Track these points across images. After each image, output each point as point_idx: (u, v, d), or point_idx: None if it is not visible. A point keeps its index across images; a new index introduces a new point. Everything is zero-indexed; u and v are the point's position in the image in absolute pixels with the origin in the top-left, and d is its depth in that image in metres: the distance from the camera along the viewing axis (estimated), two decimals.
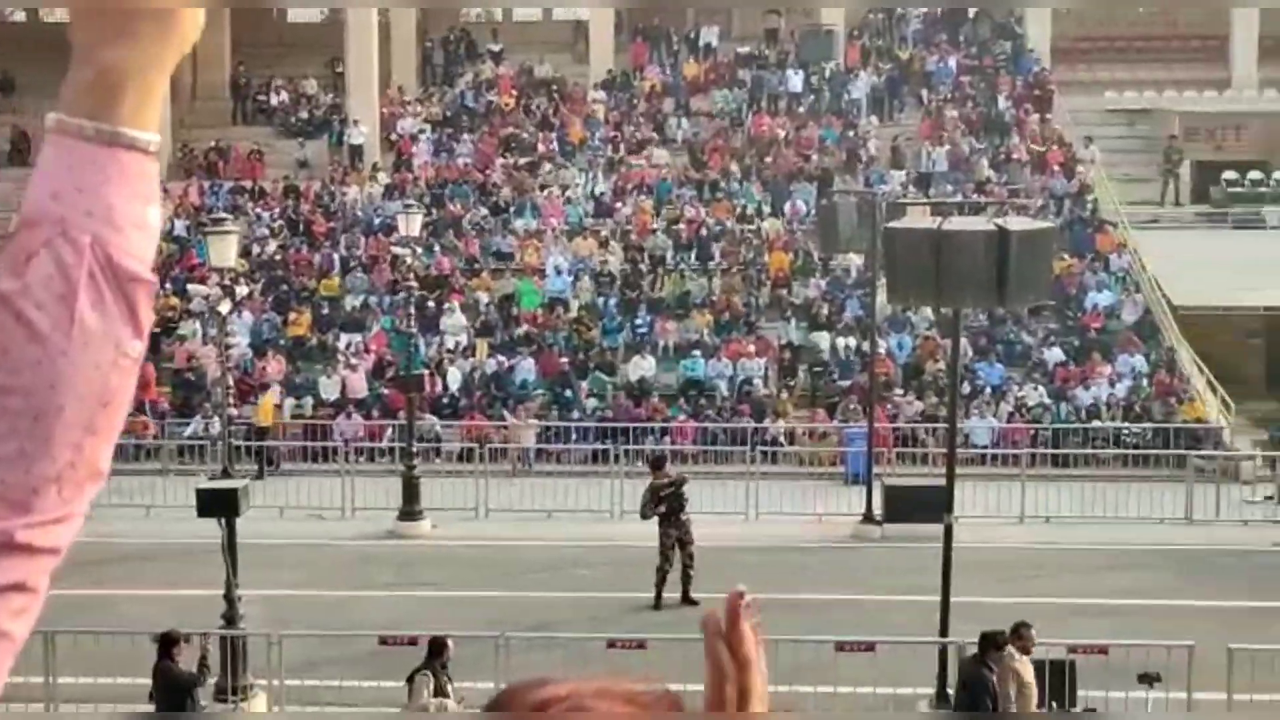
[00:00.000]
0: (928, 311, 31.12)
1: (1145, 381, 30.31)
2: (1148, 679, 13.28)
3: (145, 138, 1.30)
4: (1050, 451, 27.96)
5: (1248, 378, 32.24)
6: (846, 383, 30.54)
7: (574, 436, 29.27)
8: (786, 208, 36.29)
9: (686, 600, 19.20)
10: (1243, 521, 24.65)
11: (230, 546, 16.10)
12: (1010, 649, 13.01)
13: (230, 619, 16.09)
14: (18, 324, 1.24)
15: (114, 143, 1.28)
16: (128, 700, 14.77)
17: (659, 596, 19.42)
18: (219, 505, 15.91)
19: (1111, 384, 30.22)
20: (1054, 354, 31.22)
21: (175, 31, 1.31)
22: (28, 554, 1.26)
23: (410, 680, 13.61)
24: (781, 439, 28.92)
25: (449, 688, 13.63)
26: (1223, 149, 38.94)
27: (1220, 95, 40.42)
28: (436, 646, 13.78)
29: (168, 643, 13.68)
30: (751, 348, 31.59)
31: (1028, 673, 13.13)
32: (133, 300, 1.29)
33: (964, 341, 28.73)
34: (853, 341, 31.45)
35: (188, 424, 29.56)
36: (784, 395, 30.44)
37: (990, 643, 12.97)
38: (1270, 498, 25.79)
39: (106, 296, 1.27)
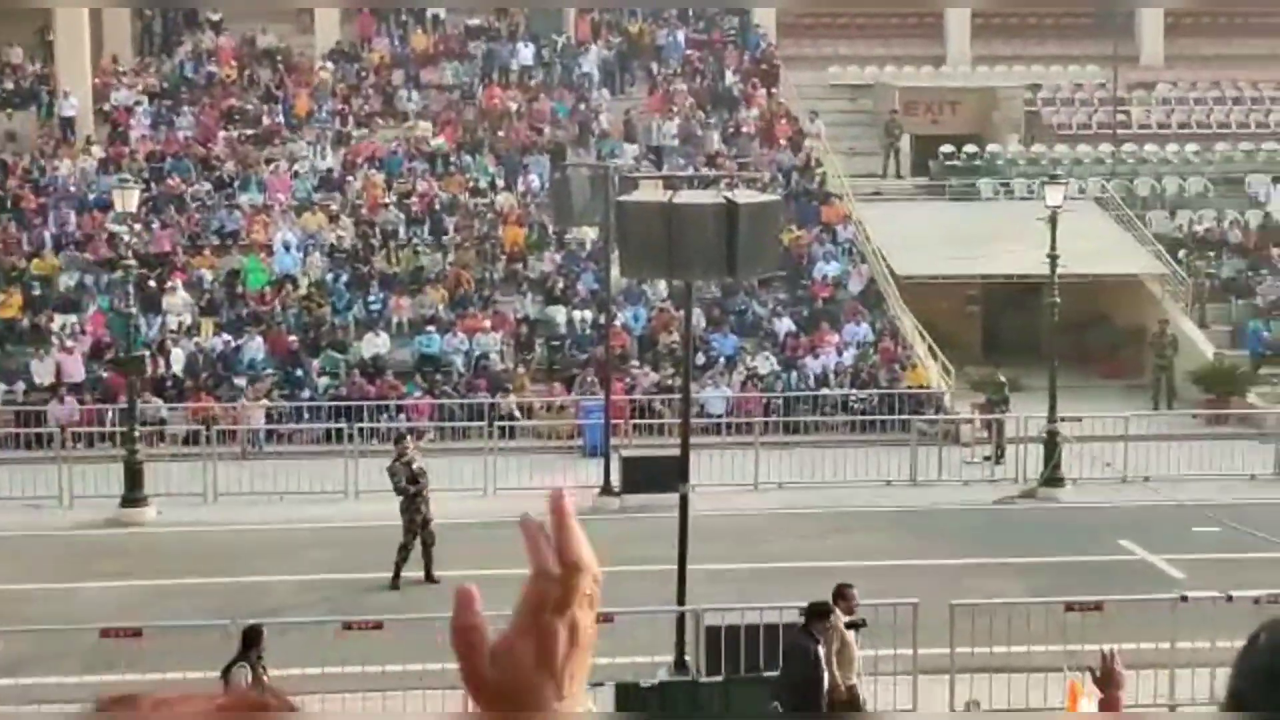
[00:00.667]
0: (662, 284, 31.51)
1: (871, 350, 31.30)
2: (853, 625, 13.71)
3: None
4: (782, 419, 28.66)
5: (966, 344, 33.63)
6: (583, 356, 30.70)
7: (306, 416, 28.68)
8: (520, 182, 36.20)
9: (429, 579, 19.05)
10: (963, 482, 25.73)
11: None
12: (836, 610, 13.25)
13: None
14: None
15: None
16: None
17: (398, 575, 19.20)
18: None
19: (839, 352, 31.11)
20: (784, 324, 31.97)
21: None
22: None
23: (226, 674, 13.08)
24: (518, 413, 28.90)
25: (265, 678, 13.16)
26: (939, 123, 40.46)
27: (937, 71, 41.96)
28: (252, 636, 13.25)
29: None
30: (487, 323, 31.47)
31: (848, 633, 13.42)
32: None
33: (697, 313, 29.21)
34: (589, 315, 31.61)
35: None
36: (521, 370, 30.40)
37: (815, 614, 13.13)
38: (988, 458, 26.98)
39: None
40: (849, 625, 13.62)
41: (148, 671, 13.99)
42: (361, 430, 26.29)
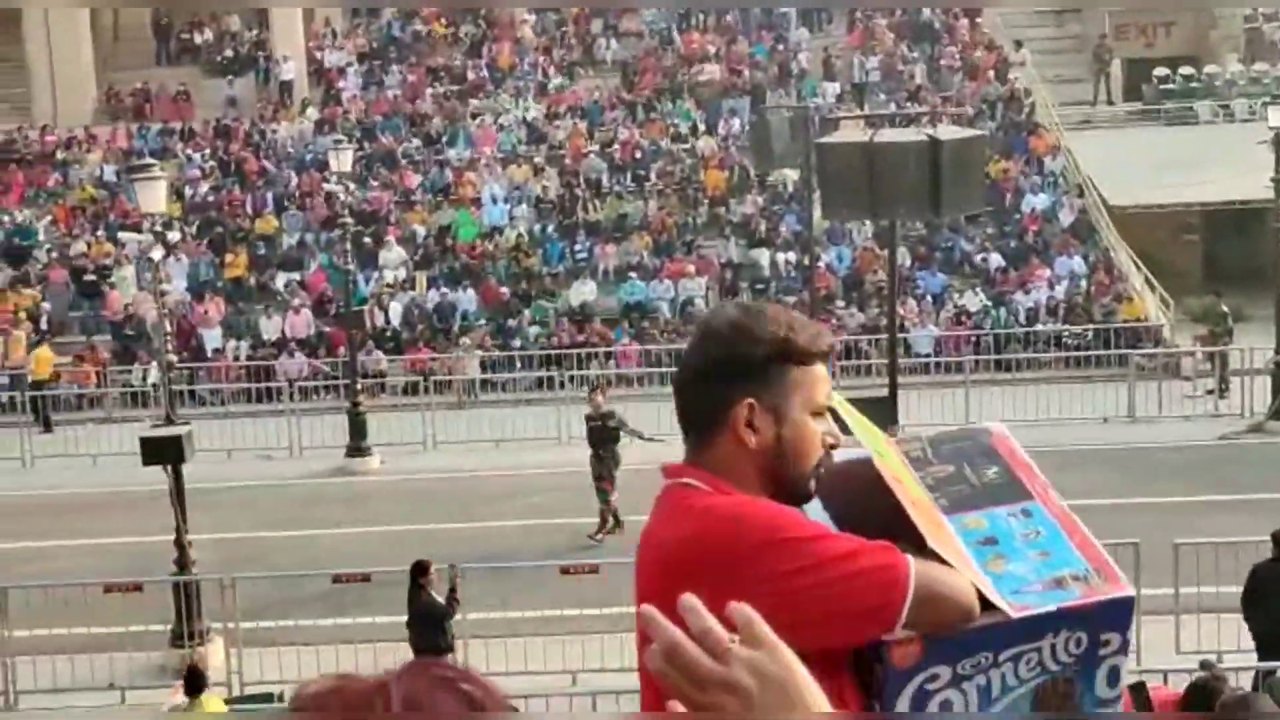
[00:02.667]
0: (867, 224, 31.22)
1: (1084, 283, 30.58)
2: None
3: None
4: (992, 357, 28.23)
5: (1185, 274, 32.60)
6: (788, 298, 30.66)
7: (518, 365, 29.28)
8: (720, 126, 36.19)
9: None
10: (1185, 417, 25.02)
11: (178, 492, 16.04)
12: None
13: (182, 564, 16.05)
14: None
15: None
16: (84, 650, 14.77)
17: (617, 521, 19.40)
18: (164, 452, 15.83)
19: (1051, 286, 30.48)
20: (993, 259, 31.43)
21: None
22: None
23: (413, 611, 13.65)
24: None
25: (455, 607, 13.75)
26: (1153, 46, 39.10)
27: None
28: (420, 568, 13.81)
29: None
30: (691, 268, 31.62)
31: None
32: None
33: (903, 251, 28.92)
34: (792, 256, 31.53)
35: (129, 371, 29.34)
36: None
37: None
38: (1211, 392, 26.18)
39: None
40: None
41: (377, 615, 14.57)
42: (572, 378, 26.76)
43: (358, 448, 24.47)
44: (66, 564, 18.23)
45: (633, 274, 31.52)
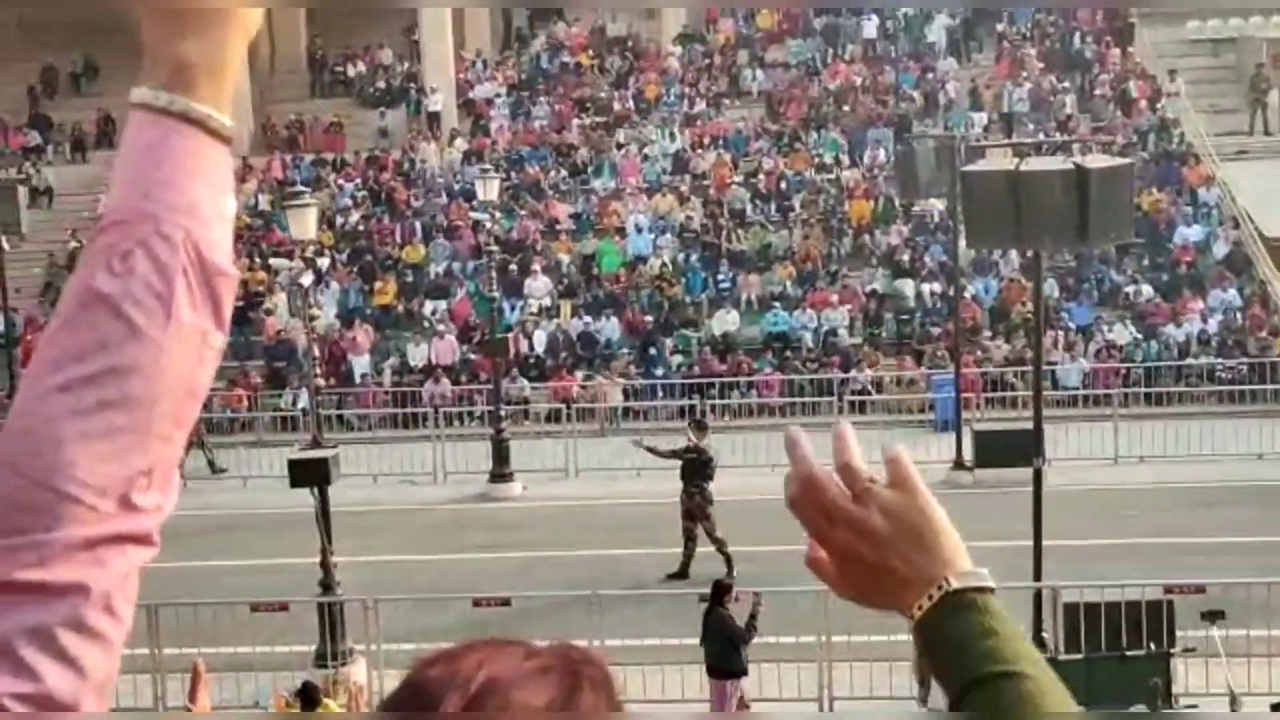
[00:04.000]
0: (1014, 254, 30.74)
1: (1238, 316, 29.76)
2: (1211, 616, 13.11)
3: (223, 120, 1.34)
4: (1143, 390, 27.57)
5: None
6: (933, 329, 30.29)
7: (660, 393, 29.32)
8: (865, 155, 35.96)
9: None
10: None
11: (324, 514, 16.29)
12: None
13: (327, 585, 16.30)
14: (117, 321, 1.28)
15: (188, 117, 1.32)
16: (230, 669, 15.04)
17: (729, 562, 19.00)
18: (311, 474, 16.10)
19: (1204, 319, 29.70)
20: (1144, 291, 30.73)
21: (239, 23, 1.36)
22: (133, 545, 1.30)
23: (708, 617, 13.78)
24: (869, 388, 28.77)
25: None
26: None
27: None
28: (722, 590, 13.93)
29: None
30: (835, 298, 31.42)
31: None
32: (218, 294, 1.33)
33: (1051, 282, 28.43)
34: (937, 287, 31.16)
35: (279, 396, 29.95)
36: (870, 344, 30.24)
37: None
38: None
39: (197, 292, 1.31)
40: (1204, 616, 13.05)
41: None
42: (714, 407, 26.70)
43: (501, 473, 24.68)
44: (215, 584, 18.60)
45: (776, 304, 31.40)
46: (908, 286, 31.59)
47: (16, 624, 1.23)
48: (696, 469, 19.01)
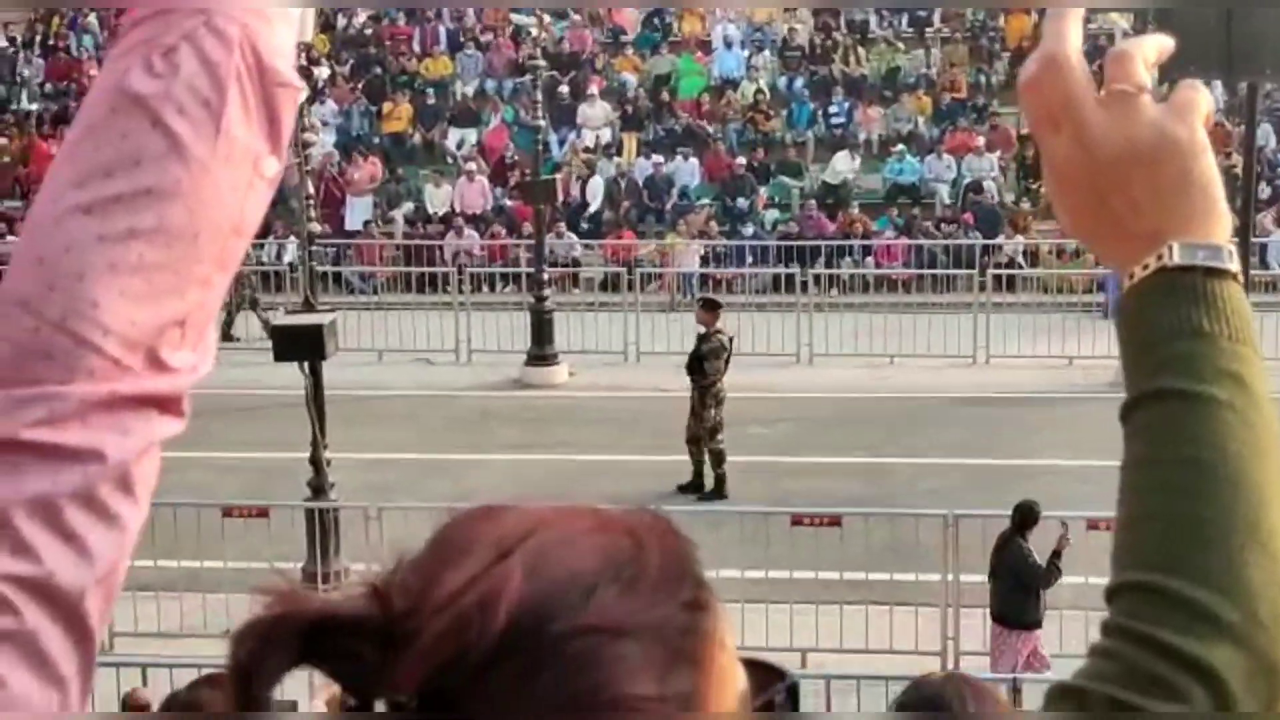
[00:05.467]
0: (1219, 86, 30.29)
1: None
2: None
3: None
4: None
5: None
6: None
7: (749, 258, 29.29)
8: None
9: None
10: None
11: (316, 398, 16.46)
12: None
13: (318, 488, 16.52)
14: (154, 131, 1.29)
15: None
16: (194, 589, 15.33)
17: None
18: (300, 346, 16.20)
19: None
20: None
21: None
22: (158, 412, 1.32)
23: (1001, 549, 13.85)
24: (1021, 260, 28.62)
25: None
26: None
27: None
28: (1027, 516, 13.93)
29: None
30: (981, 141, 31.18)
31: None
32: (276, 110, 1.34)
33: (1266, 128, 28.01)
34: None
35: (261, 245, 30.17)
36: (1025, 203, 30.04)
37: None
38: None
39: (251, 104, 1.32)
40: None
41: None
42: (818, 278, 26.65)
43: (541, 355, 24.81)
44: (178, 479, 18.89)
45: (903, 146, 31.19)
46: None
47: (16, 491, 1.25)
48: (703, 361, 19.21)
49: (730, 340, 19.55)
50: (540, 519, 1.31)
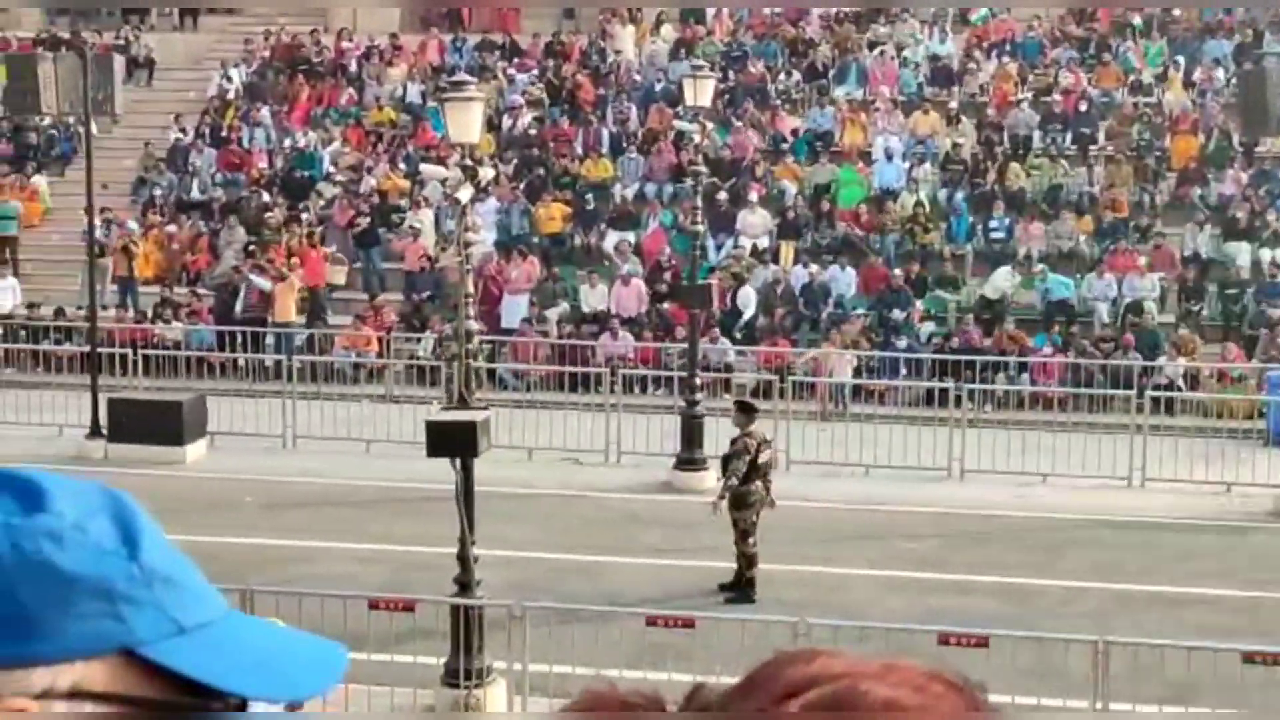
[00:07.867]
0: None
1: None
2: None
3: None
4: None
5: None
6: (1273, 310, 29.60)
7: (903, 371, 29.13)
8: (1196, 75, 35.20)
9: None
10: None
11: (466, 494, 16.52)
12: None
13: (464, 584, 16.55)
14: None
15: None
16: None
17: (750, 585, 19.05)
18: (453, 442, 16.30)
19: None
20: None
21: None
22: None
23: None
24: (1180, 383, 28.22)
25: None
26: None
27: None
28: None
29: None
30: (1143, 260, 30.87)
31: None
32: None
33: None
34: None
35: (418, 340, 30.46)
36: (1186, 325, 29.66)
37: None
38: None
39: None
40: None
41: (699, 673, 14.70)
42: (972, 393, 26.44)
43: (690, 459, 24.78)
44: (326, 569, 19.05)
45: (1064, 264, 30.94)
46: (1242, 252, 30.92)
47: None
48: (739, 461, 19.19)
49: (760, 444, 19.41)
50: (849, 670, 1.28)
